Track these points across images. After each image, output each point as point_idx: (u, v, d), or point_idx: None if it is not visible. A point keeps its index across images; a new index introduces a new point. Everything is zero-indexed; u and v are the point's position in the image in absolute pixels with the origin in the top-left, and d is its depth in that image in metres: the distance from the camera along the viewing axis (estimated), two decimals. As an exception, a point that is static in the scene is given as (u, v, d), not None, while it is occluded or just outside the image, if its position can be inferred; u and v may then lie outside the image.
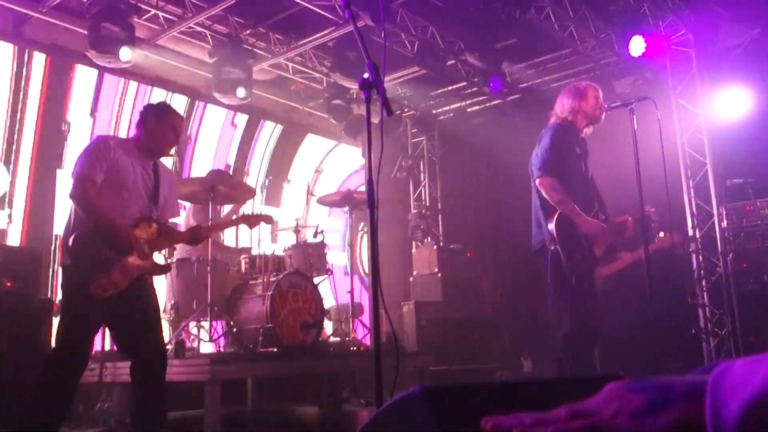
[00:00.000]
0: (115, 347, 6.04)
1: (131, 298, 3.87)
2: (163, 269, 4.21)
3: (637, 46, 7.53)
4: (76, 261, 3.76)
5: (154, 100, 7.63)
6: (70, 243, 3.77)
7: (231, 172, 8.32)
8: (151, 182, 4.09)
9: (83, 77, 7.50)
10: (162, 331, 4.23)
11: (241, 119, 9.16)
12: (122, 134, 7.58)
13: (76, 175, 3.86)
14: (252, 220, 5.09)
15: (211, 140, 8.73)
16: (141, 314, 3.96)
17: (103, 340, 5.34)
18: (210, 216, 5.92)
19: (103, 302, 3.72)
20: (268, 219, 5.24)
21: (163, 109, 4.30)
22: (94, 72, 7.52)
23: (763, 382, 0.64)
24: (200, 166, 8.39)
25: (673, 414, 0.70)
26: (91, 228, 3.77)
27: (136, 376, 3.94)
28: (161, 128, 4.11)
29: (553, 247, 4.56)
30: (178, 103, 8.34)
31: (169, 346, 5.58)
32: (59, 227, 6.96)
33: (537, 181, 4.59)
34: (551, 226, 4.53)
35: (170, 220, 4.53)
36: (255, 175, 9.20)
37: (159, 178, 4.15)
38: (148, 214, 4.05)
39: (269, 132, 9.53)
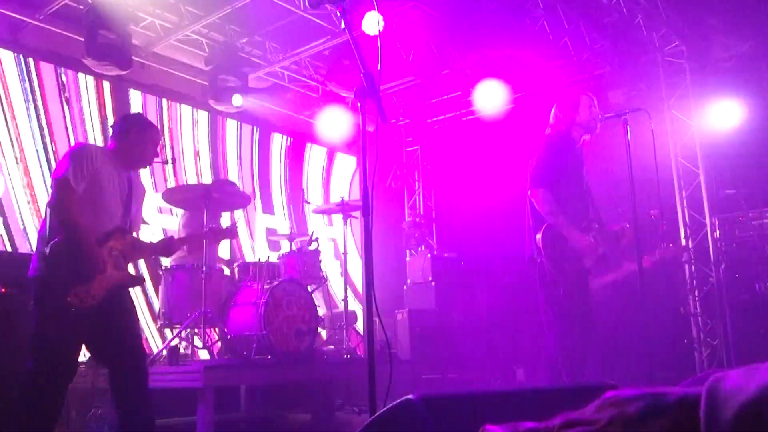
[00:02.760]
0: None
1: (110, 308, 3.77)
2: (137, 281, 4.13)
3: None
4: (54, 271, 3.64)
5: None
6: (47, 252, 3.65)
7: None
8: (126, 194, 4.04)
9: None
10: (141, 340, 4.12)
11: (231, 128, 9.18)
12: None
13: (57, 181, 3.76)
14: (218, 234, 5.06)
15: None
16: (119, 324, 3.88)
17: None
18: (205, 223, 5.92)
19: (83, 314, 3.63)
20: (232, 233, 5.12)
21: (145, 121, 4.27)
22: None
23: (759, 388, 0.65)
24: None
25: (666, 421, 0.71)
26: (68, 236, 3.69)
27: (116, 388, 3.84)
28: (144, 141, 4.09)
29: (539, 260, 4.59)
30: (199, 116, 8.36)
31: (162, 353, 5.60)
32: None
33: (529, 192, 4.63)
34: (538, 237, 4.57)
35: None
36: (250, 182, 9.22)
37: (132, 191, 4.10)
38: (123, 225, 3.99)
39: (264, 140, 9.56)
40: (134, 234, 4.19)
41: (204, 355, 6.04)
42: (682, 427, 0.71)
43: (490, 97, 9.10)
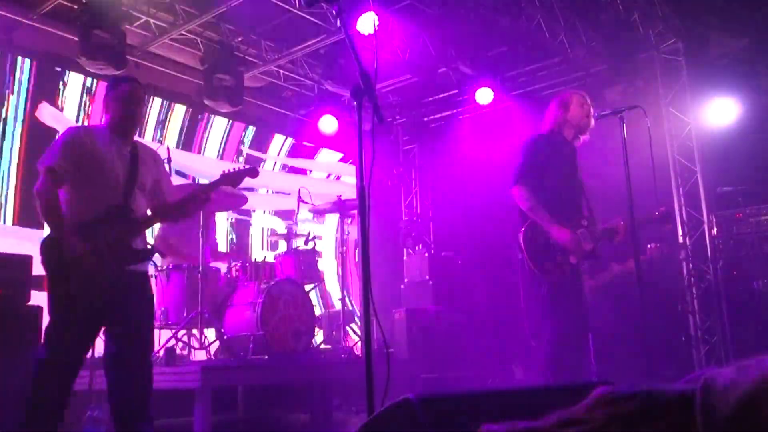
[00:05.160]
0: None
1: (121, 294, 3.73)
2: (138, 255, 3.88)
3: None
4: (49, 262, 3.63)
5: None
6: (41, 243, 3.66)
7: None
8: (128, 166, 3.89)
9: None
10: (151, 333, 4.06)
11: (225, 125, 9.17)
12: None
13: (40, 168, 3.71)
14: (235, 178, 4.39)
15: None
16: (131, 313, 3.82)
17: (93, 347, 5.31)
18: (201, 224, 5.89)
19: (93, 301, 3.63)
20: (252, 173, 4.49)
21: (114, 81, 4.07)
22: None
23: (753, 382, 0.65)
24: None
25: (665, 419, 0.70)
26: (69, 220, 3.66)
27: (114, 379, 3.79)
28: (117, 102, 3.90)
29: (521, 257, 4.57)
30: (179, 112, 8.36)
31: (159, 354, 5.58)
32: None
33: (511, 190, 4.62)
34: (519, 235, 4.56)
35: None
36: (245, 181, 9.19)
37: (138, 162, 3.93)
38: (124, 201, 3.82)
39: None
40: (160, 204, 4.08)
41: (201, 355, 6.02)
42: (680, 425, 0.70)
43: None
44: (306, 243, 6.74)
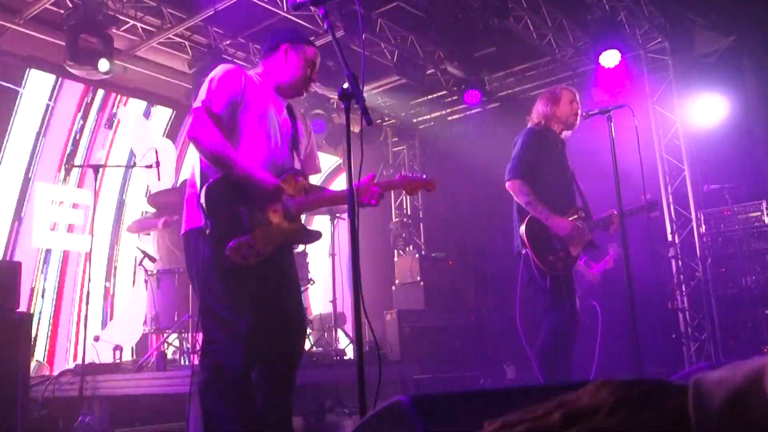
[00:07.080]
0: (96, 360, 6.00)
1: (272, 271, 3.12)
2: (313, 236, 3.33)
3: (610, 58, 7.58)
4: (213, 219, 2.94)
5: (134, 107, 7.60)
6: (202, 197, 2.95)
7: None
8: (289, 127, 3.31)
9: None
10: (304, 309, 3.42)
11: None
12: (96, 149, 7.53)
13: (196, 108, 3.07)
14: (413, 185, 3.52)
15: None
16: (281, 292, 3.21)
17: (84, 352, 5.29)
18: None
19: (249, 273, 2.99)
20: (429, 185, 3.55)
21: (297, 35, 3.47)
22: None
23: (744, 377, 0.66)
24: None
25: (666, 406, 0.72)
26: (225, 176, 2.99)
27: (266, 370, 3.24)
28: (298, 61, 3.31)
29: (524, 251, 4.59)
30: (163, 114, 8.34)
31: (151, 359, 5.56)
32: (38, 239, 6.90)
33: (507, 184, 4.64)
34: (522, 229, 4.57)
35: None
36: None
37: (296, 122, 3.38)
38: (292, 165, 3.25)
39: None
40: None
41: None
42: (679, 413, 0.71)
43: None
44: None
